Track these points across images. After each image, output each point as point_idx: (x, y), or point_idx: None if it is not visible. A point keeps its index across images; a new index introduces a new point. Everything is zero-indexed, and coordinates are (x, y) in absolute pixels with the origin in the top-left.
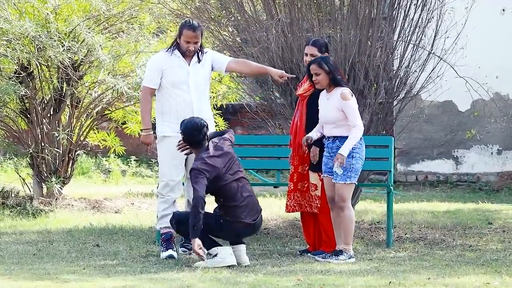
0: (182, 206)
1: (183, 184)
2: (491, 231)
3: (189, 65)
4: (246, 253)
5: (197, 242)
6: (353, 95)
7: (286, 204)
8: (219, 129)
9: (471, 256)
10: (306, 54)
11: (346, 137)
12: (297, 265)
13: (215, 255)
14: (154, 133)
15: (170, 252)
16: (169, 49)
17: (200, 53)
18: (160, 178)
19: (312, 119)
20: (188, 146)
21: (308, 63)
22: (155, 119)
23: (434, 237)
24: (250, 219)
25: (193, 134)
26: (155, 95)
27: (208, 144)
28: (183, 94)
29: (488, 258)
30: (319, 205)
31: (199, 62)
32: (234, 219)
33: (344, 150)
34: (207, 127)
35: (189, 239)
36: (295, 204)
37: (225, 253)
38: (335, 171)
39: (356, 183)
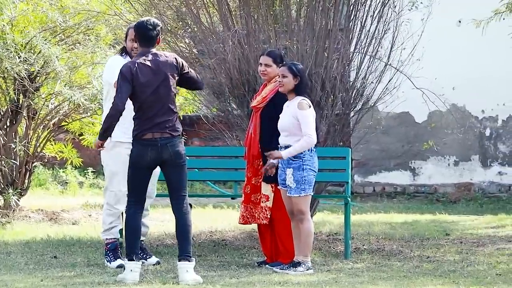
0: None
1: None
2: (448, 242)
3: None
4: (198, 268)
5: (99, 143)
6: (311, 107)
7: (240, 215)
8: None
9: (429, 267)
10: (261, 64)
11: None
12: (255, 277)
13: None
14: None
15: (119, 261)
16: (123, 54)
17: None
18: (108, 188)
19: (266, 131)
20: None
21: (263, 72)
22: None
23: (392, 248)
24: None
25: (146, 28)
26: None
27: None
28: None
29: (446, 269)
30: (268, 216)
31: None
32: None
33: (285, 152)
34: (161, 27)
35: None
36: (249, 216)
37: (127, 268)
38: (289, 184)
39: (312, 194)
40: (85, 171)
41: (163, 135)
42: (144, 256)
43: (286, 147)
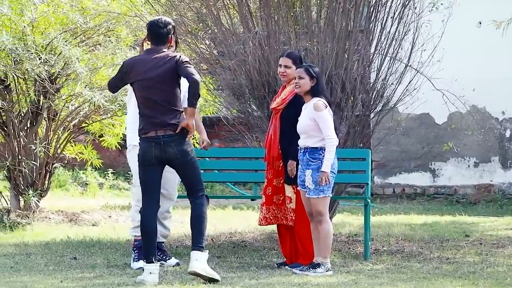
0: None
1: None
2: (468, 243)
3: None
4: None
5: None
6: (327, 107)
7: (261, 217)
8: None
9: (448, 268)
10: (280, 65)
11: (316, 149)
12: (274, 278)
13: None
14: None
15: (141, 263)
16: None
17: None
18: (134, 184)
19: (285, 132)
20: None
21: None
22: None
23: (412, 250)
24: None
25: (157, 26)
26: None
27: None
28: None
29: (465, 271)
30: (293, 218)
31: None
32: None
33: (325, 166)
34: (173, 26)
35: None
36: (272, 217)
37: (146, 271)
38: (307, 186)
39: (331, 195)
40: (105, 173)
41: (166, 133)
42: (164, 257)
43: (306, 148)
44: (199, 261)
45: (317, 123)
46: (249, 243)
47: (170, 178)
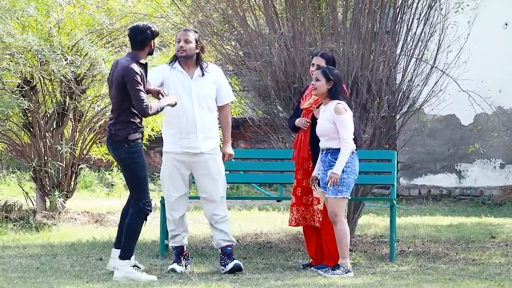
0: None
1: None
2: (494, 245)
3: (191, 78)
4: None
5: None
6: (347, 110)
7: (291, 218)
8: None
9: (474, 270)
10: (313, 64)
11: (338, 150)
12: (300, 279)
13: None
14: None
15: (174, 266)
16: (170, 63)
17: (202, 66)
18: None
19: (316, 133)
20: None
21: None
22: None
23: (437, 251)
24: None
25: (134, 32)
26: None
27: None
28: (185, 109)
29: (491, 272)
30: (321, 219)
31: (202, 76)
32: None
33: (337, 168)
34: (150, 30)
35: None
36: (300, 218)
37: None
38: (327, 186)
39: (350, 198)
40: None
41: (108, 135)
42: (223, 262)
43: (327, 150)
44: (119, 271)
45: (336, 126)
46: (275, 244)
47: (208, 181)
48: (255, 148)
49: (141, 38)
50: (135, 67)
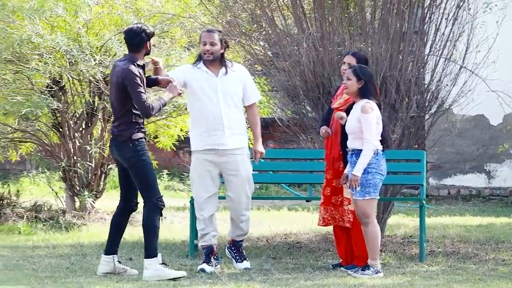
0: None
1: (220, 198)
2: None
3: (217, 77)
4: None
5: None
6: (374, 110)
7: (320, 217)
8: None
9: (504, 270)
10: (344, 63)
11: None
12: (329, 279)
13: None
14: None
15: (203, 266)
16: (194, 64)
17: (226, 65)
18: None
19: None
20: None
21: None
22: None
23: (467, 251)
24: None
25: (129, 35)
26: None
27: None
28: (212, 106)
29: None
30: (351, 220)
31: (226, 74)
32: None
33: (357, 169)
34: (145, 33)
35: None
36: (330, 218)
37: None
38: (354, 187)
39: (378, 198)
40: (160, 174)
41: (112, 137)
42: (237, 258)
43: (353, 150)
44: (147, 269)
45: (361, 125)
46: (304, 244)
47: (237, 181)
48: (284, 148)
49: (137, 41)
50: (134, 69)
